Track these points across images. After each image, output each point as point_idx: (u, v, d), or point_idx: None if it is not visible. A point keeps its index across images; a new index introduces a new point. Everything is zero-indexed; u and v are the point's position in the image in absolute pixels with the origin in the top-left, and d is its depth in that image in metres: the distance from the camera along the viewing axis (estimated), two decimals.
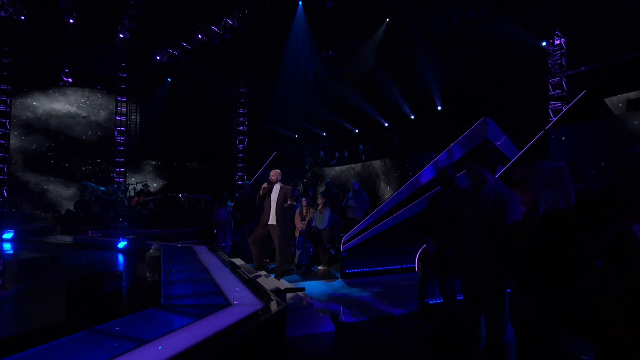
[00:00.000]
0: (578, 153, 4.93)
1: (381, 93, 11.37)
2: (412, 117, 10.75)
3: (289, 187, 6.10)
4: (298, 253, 7.53)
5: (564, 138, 5.15)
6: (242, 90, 16.50)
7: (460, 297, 3.53)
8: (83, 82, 14.15)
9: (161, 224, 11.53)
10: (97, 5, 12.23)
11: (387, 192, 9.54)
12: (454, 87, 9.08)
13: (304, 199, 7.78)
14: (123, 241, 5.63)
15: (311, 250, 7.95)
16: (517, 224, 2.37)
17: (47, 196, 13.37)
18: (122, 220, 11.41)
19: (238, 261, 5.98)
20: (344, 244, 6.97)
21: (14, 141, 12.79)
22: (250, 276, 3.99)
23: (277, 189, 5.98)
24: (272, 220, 5.82)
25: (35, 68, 12.81)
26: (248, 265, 5.79)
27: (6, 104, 12.12)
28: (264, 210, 5.93)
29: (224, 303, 2.98)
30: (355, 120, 13.01)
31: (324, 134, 14.71)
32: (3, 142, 12.02)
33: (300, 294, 4.63)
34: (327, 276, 6.90)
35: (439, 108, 9.89)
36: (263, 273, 5.62)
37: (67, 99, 13.90)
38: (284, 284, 4.90)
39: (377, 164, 9.99)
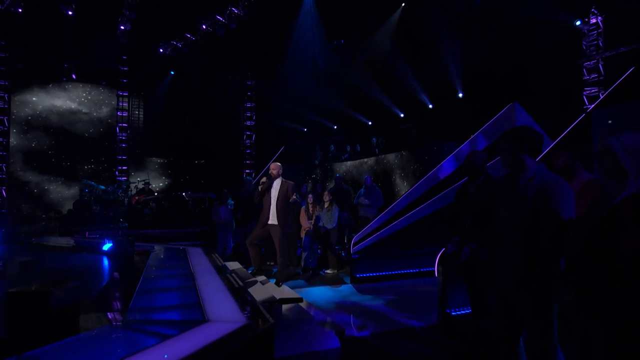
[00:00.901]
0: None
1: (396, 81, 10.83)
2: (430, 106, 10.17)
3: (291, 182, 5.65)
4: (304, 255, 7.05)
5: (610, 121, 4.52)
6: (249, 82, 16.15)
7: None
8: (84, 77, 14.00)
9: (163, 224, 11.23)
10: None
11: (402, 187, 9.03)
12: (477, 71, 8.46)
13: (310, 196, 7.31)
14: (108, 243, 5.25)
15: (319, 252, 7.47)
16: (571, 221, 1.82)
17: (48, 196, 13.27)
18: (122, 220, 11.16)
19: (235, 265, 5.55)
20: (354, 245, 6.46)
21: (13, 139, 12.69)
22: (242, 283, 3.53)
23: (277, 184, 5.54)
24: (272, 219, 5.37)
25: (34, 62, 12.70)
26: (245, 270, 5.33)
27: (4, 100, 12.02)
28: (263, 207, 5.50)
29: (200, 319, 2.52)
30: (368, 111, 12.56)
31: (335, 127, 14.28)
32: (1, 139, 11.91)
33: (300, 304, 4.14)
34: (335, 281, 6.41)
35: (460, 95, 9.28)
36: (261, 278, 5.18)
37: (68, 94, 13.77)
38: (283, 291, 4.43)
39: (392, 157, 9.52)
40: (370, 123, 12.74)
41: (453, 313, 4.15)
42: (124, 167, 13.98)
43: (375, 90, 11.60)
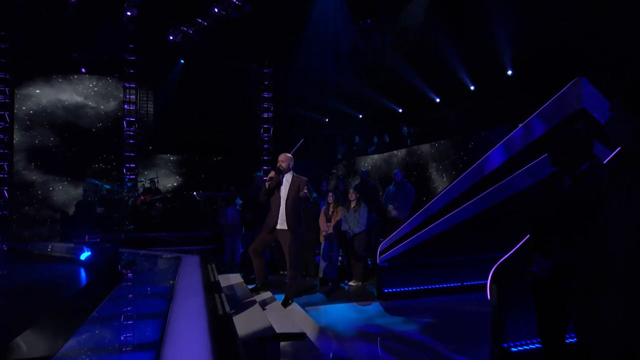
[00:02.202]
0: None
1: (432, 62, 9.98)
2: (472, 88, 9.26)
3: (304, 177, 4.94)
4: (323, 264, 6.35)
5: None
6: (266, 70, 15.53)
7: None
8: (90, 68, 13.78)
9: (171, 226, 10.79)
10: None
11: (440, 183, 8.21)
12: (532, 45, 7.45)
13: (330, 194, 6.59)
14: (86, 252, 4.69)
15: (340, 260, 6.74)
16: None
17: (54, 196, 13.13)
18: (127, 222, 10.80)
19: (234, 278, 4.88)
20: (381, 253, 5.68)
21: (16, 135, 12.60)
22: (231, 309, 2.82)
23: (287, 180, 4.85)
24: (282, 223, 4.69)
25: (37, 53, 12.52)
26: (244, 286, 4.64)
27: (5, 94, 11.92)
28: (271, 209, 4.83)
29: None
30: (399, 97, 11.81)
31: (360, 116, 13.54)
32: (2, 136, 11.81)
33: (309, 332, 3.39)
34: (360, 296, 5.67)
35: (509, 72, 8.29)
36: (266, 296, 4.47)
37: (74, 87, 13.59)
38: (289, 316, 3.70)
39: (426, 149, 8.72)
40: (400, 110, 12.02)
41: (513, 349, 3.30)
42: (131, 165, 13.68)
43: (406, 73, 10.80)
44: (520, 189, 5.44)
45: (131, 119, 13.76)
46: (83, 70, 13.62)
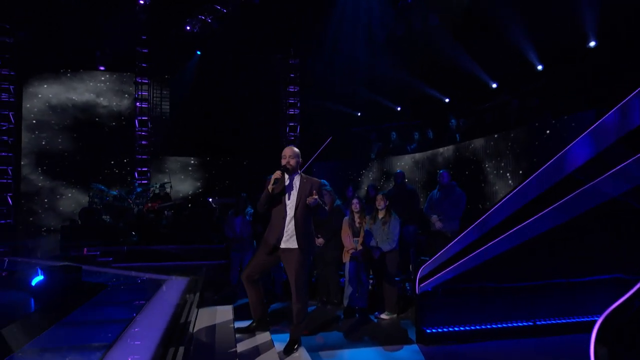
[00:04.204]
0: None
1: (488, 40, 8.92)
2: (540, 67, 8.11)
3: (316, 179, 3.97)
4: (349, 290, 5.37)
5: None
6: (292, 61, 14.82)
7: None
8: (102, 63, 13.59)
9: (182, 238, 10.22)
10: None
11: (501, 186, 7.13)
12: (624, 8, 6.16)
13: (355, 202, 5.60)
14: (38, 276, 3.95)
15: (370, 284, 5.73)
16: None
17: (62, 203, 12.93)
18: (134, 232, 10.29)
19: (223, 314, 3.98)
20: (422, 279, 4.62)
21: (23, 137, 12.50)
22: None
23: (295, 182, 3.91)
24: (288, 240, 3.75)
25: (44, 48, 12.41)
26: (230, 327, 3.72)
27: (9, 92, 11.85)
28: (271, 222, 3.91)
29: None
30: (446, 84, 10.90)
31: (398, 109, 12.62)
32: (6, 138, 11.72)
33: None
34: (393, 335, 4.64)
35: (591, 44, 7.01)
36: (262, 339, 3.54)
37: (84, 84, 13.42)
38: None
39: (480, 144, 7.65)
40: (447, 100, 11.09)
41: None
42: (144, 169, 13.28)
43: (455, 56, 9.92)
44: (614, 194, 4.33)
45: (144, 118, 13.39)
46: (100, 67, 13.47)
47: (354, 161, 10.78)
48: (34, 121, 12.61)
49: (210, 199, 11.91)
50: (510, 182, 6.98)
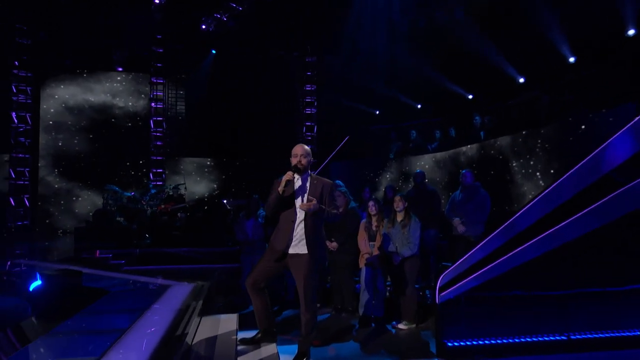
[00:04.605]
0: None
1: (515, 32, 8.58)
2: (572, 60, 7.73)
3: (328, 180, 3.80)
4: (364, 298, 5.14)
5: None
6: (309, 59, 14.61)
7: None
8: (119, 63, 13.68)
9: (196, 240, 10.16)
10: None
11: (530, 187, 6.80)
12: None
13: (371, 204, 5.39)
14: (36, 280, 3.84)
15: (387, 292, 5.51)
16: None
17: (78, 205, 13.05)
18: (147, 235, 10.28)
19: (227, 322, 3.80)
20: (442, 287, 4.34)
21: (41, 138, 12.67)
22: None
23: (305, 183, 3.72)
24: (296, 246, 3.58)
25: (60, 49, 12.55)
26: (232, 338, 3.53)
27: (26, 93, 11.99)
28: (279, 225, 3.75)
29: None
30: (469, 80, 10.61)
31: (419, 106, 12.36)
32: (23, 139, 11.86)
33: None
34: (412, 348, 4.40)
35: (630, 32, 6.60)
36: (267, 352, 3.34)
37: (101, 85, 13.55)
38: None
39: (506, 142, 7.34)
40: (471, 97, 10.82)
41: None
42: (158, 170, 13.29)
43: (480, 50, 9.59)
44: None
45: (159, 118, 13.41)
46: (119, 68, 13.57)
47: (372, 161, 10.60)
48: (51, 122, 12.77)
49: (225, 201, 11.83)
50: (540, 182, 6.61)
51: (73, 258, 8.76)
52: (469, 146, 8.35)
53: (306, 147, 3.77)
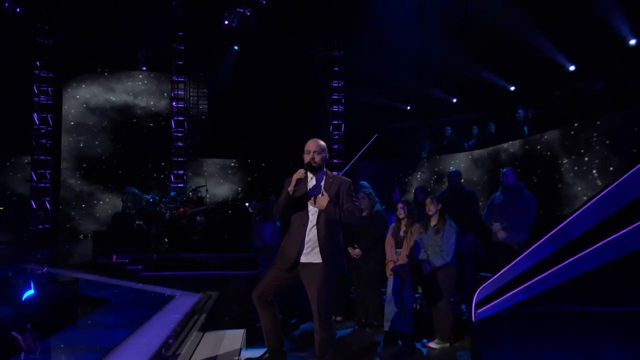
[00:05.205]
0: None
1: (564, 14, 8.11)
2: (632, 42, 7.18)
3: (346, 178, 3.51)
4: (391, 311, 4.82)
5: None
6: (335, 53, 14.34)
7: None
8: (141, 62, 13.83)
9: (216, 245, 10.10)
10: None
11: (585, 187, 6.29)
12: None
13: (401, 207, 5.07)
14: (30, 289, 3.67)
15: (417, 305, 5.19)
16: None
17: (100, 208, 13.22)
18: (166, 239, 10.24)
19: (231, 339, 3.51)
20: (480, 303, 3.98)
21: (63, 140, 12.91)
22: None
23: (320, 182, 3.44)
24: (309, 254, 3.29)
25: (81, 49, 12.78)
26: (237, 357, 3.23)
27: (47, 94, 12.22)
28: (291, 229, 3.48)
29: None
30: (512, 70, 10.14)
31: (454, 100, 11.92)
32: (44, 141, 12.09)
33: None
34: None
35: None
36: None
37: (122, 85, 13.70)
38: None
39: (555, 136, 6.90)
40: (513, 88, 10.30)
41: None
42: (180, 171, 13.30)
43: (524, 35, 9.10)
44: None
45: (180, 118, 13.43)
46: (143, 67, 13.73)
47: (401, 160, 10.37)
48: (72, 123, 12.98)
49: (247, 204, 11.68)
50: (597, 181, 6.07)
51: (87, 264, 8.78)
52: (510, 142, 7.95)
53: (321, 142, 3.47)
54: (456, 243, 4.62)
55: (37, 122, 12.03)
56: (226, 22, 13.72)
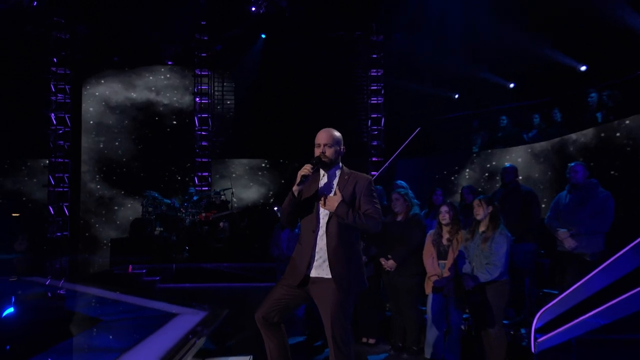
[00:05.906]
0: None
1: None
2: None
3: (364, 175, 3.20)
4: (432, 335, 4.48)
5: None
6: (374, 38, 14.04)
7: None
8: (163, 56, 14.02)
9: (239, 254, 10.07)
10: None
11: None
12: None
13: (444, 210, 4.72)
14: (10, 307, 3.55)
15: (464, 328, 4.84)
16: None
17: (120, 214, 13.46)
18: (187, 247, 10.28)
19: None
20: (541, 328, 3.63)
21: (82, 141, 13.24)
22: None
23: (332, 180, 3.16)
24: (319, 266, 2.99)
25: (100, 43, 13.07)
26: None
27: (65, 92, 12.52)
28: (301, 237, 3.20)
29: None
30: (581, 48, 9.71)
31: (511, 86, 11.43)
32: (62, 143, 12.39)
33: None
34: None
35: None
36: None
37: (144, 81, 13.93)
38: None
39: (636, 124, 6.27)
40: (584, 68, 9.83)
41: None
42: (204, 174, 13.34)
43: (596, 8, 8.70)
44: None
45: (204, 115, 13.47)
46: (169, 62, 13.94)
47: (446, 156, 10.01)
48: (91, 122, 13.28)
49: (276, 208, 11.57)
50: None
51: (101, 274, 8.90)
52: (580, 132, 7.48)
53: (334, 132, 3.15)
54: (508, 254, 4.17)
55: (55, 122, 12.34)
56: (253, 9, 13.70)
